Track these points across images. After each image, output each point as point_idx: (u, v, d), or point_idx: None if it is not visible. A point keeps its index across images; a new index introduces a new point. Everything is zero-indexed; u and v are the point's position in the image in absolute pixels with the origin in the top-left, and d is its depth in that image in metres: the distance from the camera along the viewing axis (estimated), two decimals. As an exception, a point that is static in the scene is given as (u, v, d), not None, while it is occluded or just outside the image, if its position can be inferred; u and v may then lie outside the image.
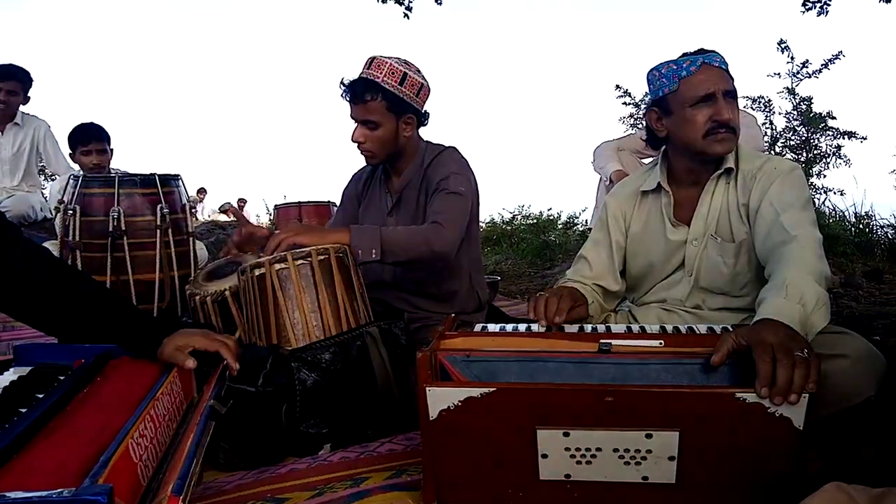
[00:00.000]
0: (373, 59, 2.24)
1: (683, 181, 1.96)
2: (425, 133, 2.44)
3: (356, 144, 2.29)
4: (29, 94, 4.49)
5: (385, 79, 2.20)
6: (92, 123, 3.75)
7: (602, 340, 1.52)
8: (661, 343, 1.53)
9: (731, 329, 1.60)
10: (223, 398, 1.46)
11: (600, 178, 4.02)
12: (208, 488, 1.70)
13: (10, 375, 1.42)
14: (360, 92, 2.21)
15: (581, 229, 6.60)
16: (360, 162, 2.42)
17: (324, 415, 1.93)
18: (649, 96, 1.96)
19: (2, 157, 4.50)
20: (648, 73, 1.93)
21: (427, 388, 1.41)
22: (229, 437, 1.83)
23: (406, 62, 2.27)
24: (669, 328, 1.71)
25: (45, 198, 4.73)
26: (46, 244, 2.71)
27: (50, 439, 1.14)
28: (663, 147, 2.01)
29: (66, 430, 1.18)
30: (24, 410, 1.20)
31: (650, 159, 2.65)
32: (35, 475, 1.02)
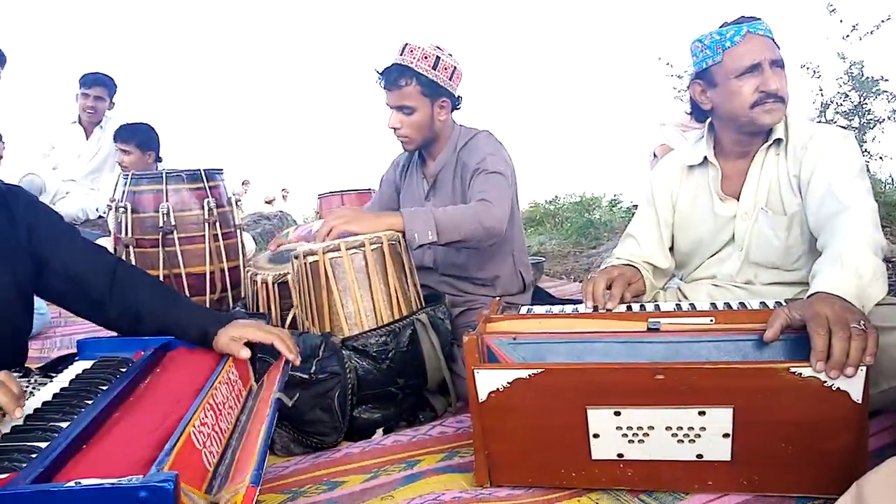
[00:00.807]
0: (405, 44, 2.25)
1: (731, 154, 1.92)
2: (461, 117, 2.45)
3: (393, 130, 2.31)
4: (114, 101, 4.66)
5: (418, 63, 2.22)
6: (131, 124, 3.79)
7: (651, 319, 1.51)
8: (711, 320, 1.51)
9: (784, 304, 1.57)
10: (291, 389, 1.49)
11: (646, 154, 3.96)
12: (266, 473, 1.75)
13: (76, 369, 1.48)
14: (394, 78, 2.23)
15: (626, 206, 6.50)
16: (397, 149, 2.44)
17: (376, 400, 1.96)
18: (693, 68, 1.92)
19: (83, 157, 4.69)
20: (691, 45, 1.89)
21: (475, 371, 1.42)
22: (285, 423, 1.87)
23: (438, 46, 2.27)
24: (720, 304, 1.69)
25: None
26: (100, 241, 2.79)
27: (116, 429, 1.19)
28: (708, 120, 1.96)
29: (130, 419, 1.23)
30: (90, 402, 1.26)
31: (694, 132, 2.59)
32: (104, 464, 1.06)
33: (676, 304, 1.73)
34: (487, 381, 1.42)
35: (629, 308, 1.72)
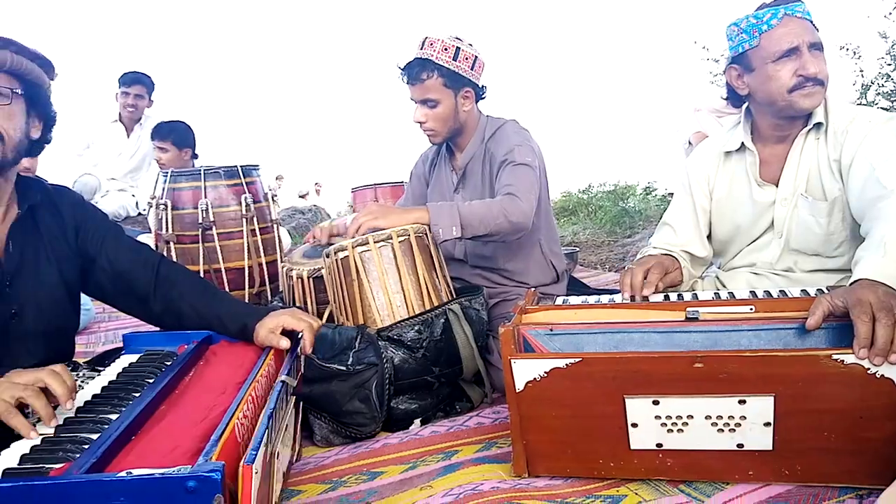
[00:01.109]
0: (425, 38, 2.26)
1: (769, 139, 1.88)
2: (493, 108, 2.45)
3: (419, 125, 2.32)
4: (153, 99, 4.77)
5: (438, 55, 2.22)
6: (166, 122, 3.85)
7: (689, 308, 1.50)
8: (751, 309, 1.49)
9: (826, 291, 1.54)
10: (300, 374, 1.51)
11: (680, 141, 3.90)
12: (307, 463, 1.78)
13: (123, 362, 1.53)
14: (416, 72, 2.24)
15: (661, 194, 6.42)
16: (427, 142, 2.45)
17: (413, 391, 1.98)
18: (729, 52, 1.89)
19: (124, 155, 4.80)
20: (727, 29, 1.86)
21: (512, 360, 1.42)
22: (325, 414, 1.90)
23: (458, 37, 2.27)
24: (760, 293, 1.67)
25: (133, 196, 4.97)
26: (141, 237, 2.86)
27: (163, 421, 1.22)
28: (745, 105, 1.93)
29: (176, 411, 1.27)
30: (137, 395, 1.30)
31: (730, 118, 2.55)
32: (153, 454, 1.10)
33: (715, 293, 1.71)
34: (524, 371, 1.42)
35: (667, 298, 1.70)
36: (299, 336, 1.57)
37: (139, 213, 4.81)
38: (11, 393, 1.15)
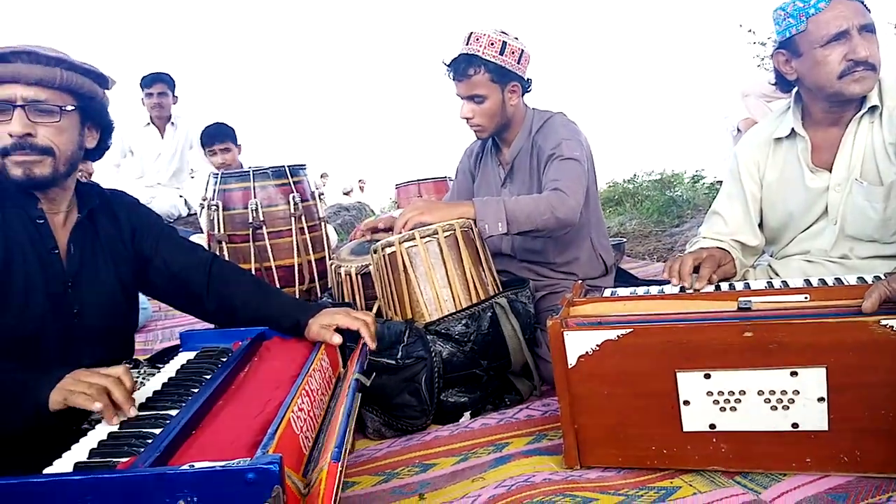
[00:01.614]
0: (470, 33, 2.25)
1: (821, 123, 1.83)
2: (536, 98, 2.43)
3: (465, 121, 2.32)
4: (176, 94, 4.86)
5: (485, 51, 2.21)
6: (217, 124, 3.97)
7: (741, 298, 1.47)
8: (806, 297, 1.46)
9: (883, 277, 1.50)
10: (367, 371, 1.55)
11: (728, 128, 3.82)
12: (360, 456, 1.81)
13: (181, 359, 1.58)
14: (462, 68, 2.23)
15: (709, 182, 6.29)
16: (472, 136, 2.45)
17: (462, 384, 2.00)
18: (776, 37, 1.84)
19: (163, 156, 4.93)
20: (773, 13, 1.81)
21: (565, 333, 1.43)
22: (376, 408, 1.93)
23: (503, 31, 2.26)
24: (815, 281, 1.63)
25: (182, 196, 5.09)
26: (193, 238, 2.94)
27: (221, 415, 1.26)
28: (795, 89, 1.88)
29: (233, 406, 1.31)
30: (196, 390, 1.34)
31: (779, 103, 2.49)
32: (212, 448, 1.14)
33: (768, 282, 1.68)
34: (577, 344, 1.43)
35: (718, 288, 1.68)
36: (357, 334, 1.59)
37: (189, 214, 4.93)
38: (81, 389, 1.20)
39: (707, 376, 1.36)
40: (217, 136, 3.83)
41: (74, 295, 1.51)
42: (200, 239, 2.95)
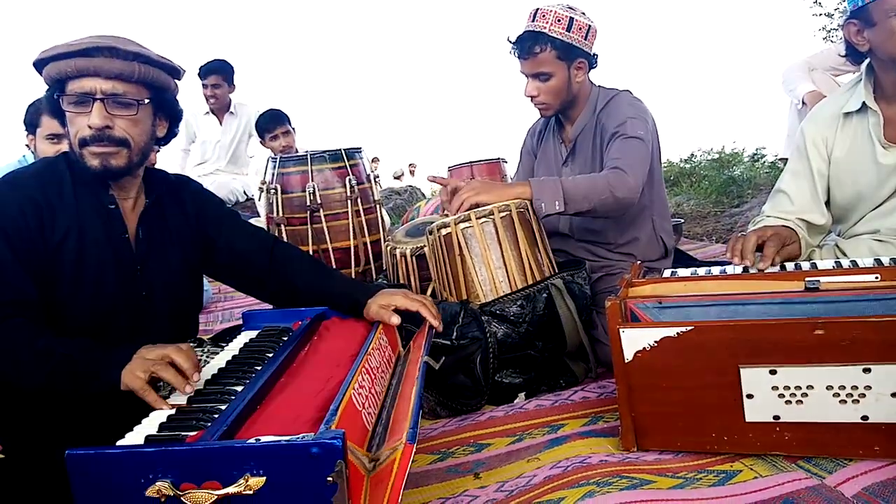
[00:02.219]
0: (536, 10, 2.21)
1: (894, 97, 1.75)
2: (594, 75, 2.38)
3: (530, 98, 2.28)
4: (234, 83, 4.94)
5: (552, 27, 2.17)
6: (272, 110, 4.08)
7: (808, 278, 1.43)
8: (876, 277, 1.41)
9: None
10: (434, 355, 1.57)
11: (791, 103, 3.68)
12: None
13: (243, 338, 1.63)
14: (528, 45, 2.19)
15: (770, 160, 6.10)
16: (526, 116, 2.42)
17: (516, 365, 2.00)
18: (847, 6, 1.76)
19: (222, 143, 5.05)
20: (845, -19, 1.74)
21: (621, 330, 1.41)
22: (431, 388, 1.95)
23: (570, 6, 2.22)
24: (885, 260, 1.57)
25: (237, 181, 5.19)
26: (252, 221, 3.01)
27: (284, 392, 1.30)
28: (866, 61, 1.80)
29: (295, 383, 1.34)
30: (259, 368, 1.38)
31: (847, 76, 2.39)
32: (276, 423, 1.17)
33: (836, 262, 1.62)
34: (634, 341, 1.40)
35: (783, 268, 1.63)
36: (417, 315, 1.61)
37: (248, 199, 5.04)
38: (144, 368, 1.26)
39: (773, 372, 1.32)
40: (275, 121, 3.94)
41: (143, 278, 1.56)
42: (259, 223, 3.02)
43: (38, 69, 1.45)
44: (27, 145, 2.58)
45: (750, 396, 1.35)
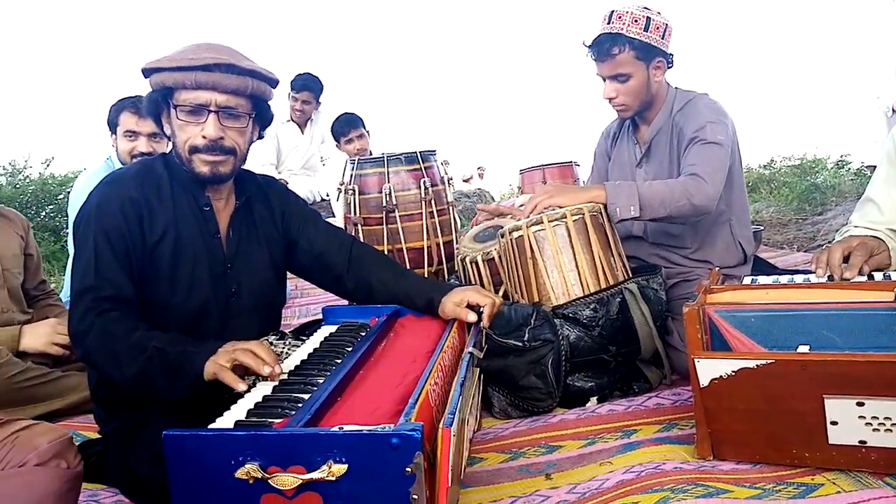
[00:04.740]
0: (612, 12, 2.19)
1: None
2: (673, 79, 2.35)
3: (608, 101, 2.27)
4: (320, 100, 5.10)
5: (629, 28, 2.15)
6: (347, 114, 4.19)
7: (898, 288, 1.38)
8: (971, 288, 1.34)
9: None
10: (482, 347, 1.59)
11: (880, 110, 3.54)
12: (487, 433, 1.86)
13: (324, 332, 1.69)
14: (606, 48, 2.18)
15: (856, 168, 5.84)
16: (599, 119, 2.39)
17: (589, 369, 1.99)
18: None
19: (300, 149, 5.21)
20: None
21: (696, 360, 1.37)
22: (503, 388, 1.97)
23: (646, 6, 2.19)
24: (982, 272, 1.49)
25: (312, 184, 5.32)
26: (328, 221, 3.08)
27: (364, 385, 1.35)
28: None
29: (374, 376, 1.39)
30: (339, 360, 1.43)
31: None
32: (357, 414, 1.21)
33: (928, 273, 1.55)
34: (709, 370, 1.37)
35: (871, 277, 1.57)
36: (480, 311, 1.64)
37: (322, 200, 5.17)
38: (226, 357, 1.33)
39: (860, 404, 1.27)
40: (350, 125, 4.04)
41: (233, 276, 1.63)
42: (335, 223, 3.10)
43: (146, 75, 1.53)
44: (112, 145, 2.73)
45: (834, 423, 1.31)
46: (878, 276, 1.58)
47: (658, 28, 2.16)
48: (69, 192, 3.76)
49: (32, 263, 2.44)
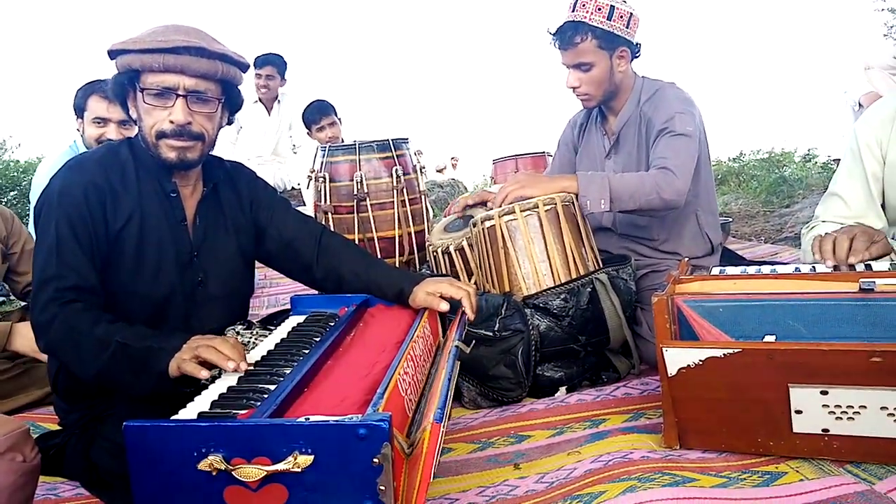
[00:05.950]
0: (576, 0, 2.18)
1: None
2: (637, 67, 2.34)
3: (572, 90, 2.26)
4: (285, 78, 5.04)
5: (592, 17, 2.14)
6: (319, 101, 4.12)
7: (863, 279, 1.40)
8: (934, 280, 1.37)
9: None
10: (466, 341, 1.58)
11: (847, 104, 3.60)
12: (456, 423, 1.86)
13: (291, 322, 1.66)
14: (568, 36, 2.16)
15: (823, 161, 5.94)
16: (571, 109, 2.39)
17: (558, 358, 2.00)
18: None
19: (268, 132, 5.13)
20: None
21: (664, 349, 1.38)
22: (473, 378, 1.97)
23: None
24: (944, 264, 1.52)
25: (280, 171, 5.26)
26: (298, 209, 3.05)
27: (331, 375, 1.33)
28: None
29: (342, 367, 1.37)
30: (307, 351, 1.41)
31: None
32: (324, 404, 1.19)
33: (891, 264, 1.58)
34: (677, 358, 1.38)
35: (836, 268, 1.59)
36: (455, 303, 1.63)
37: (293, 189, 5.11)
38: (190, 353, 1.30)
39: (824, 392, 1.29)
40: (322, 112, 3.98)
41: (199, 264, 1.60)
42: (305, 211, 3.06)
43: (112, 56, 1.48)
44: (77, 129, 2.63)
45: (799, 412, 1.33)
46: (844, 267, 1.58)
47: (622, 17, 2.15)
48: (32, 178, 3.66)
49: (22, 258, 2.39)
